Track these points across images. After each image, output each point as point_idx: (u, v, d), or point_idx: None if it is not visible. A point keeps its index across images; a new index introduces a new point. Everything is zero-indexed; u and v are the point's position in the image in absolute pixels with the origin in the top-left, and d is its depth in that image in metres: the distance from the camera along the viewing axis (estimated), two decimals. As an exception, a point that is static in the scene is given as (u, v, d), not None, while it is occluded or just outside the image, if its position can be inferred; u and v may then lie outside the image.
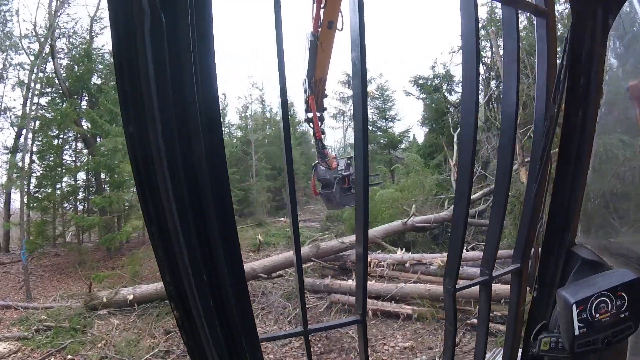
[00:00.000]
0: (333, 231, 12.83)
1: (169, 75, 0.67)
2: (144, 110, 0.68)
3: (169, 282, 0.78)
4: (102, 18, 15.92)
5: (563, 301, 1.13)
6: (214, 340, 0.83)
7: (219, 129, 0.75)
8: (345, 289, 7.37)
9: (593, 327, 1.11)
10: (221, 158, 0.76)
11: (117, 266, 11.57)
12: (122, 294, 7.70)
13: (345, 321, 1.37)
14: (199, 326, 0.82)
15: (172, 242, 0.75)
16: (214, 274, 0.80)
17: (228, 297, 0.83)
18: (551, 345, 1.26)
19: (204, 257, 0.78)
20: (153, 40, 0.65)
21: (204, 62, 0.71)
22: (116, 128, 12.72)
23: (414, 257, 7.70)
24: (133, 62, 0.66)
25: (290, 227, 1.07)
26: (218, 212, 0.78)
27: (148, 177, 0.71)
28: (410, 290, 6.94)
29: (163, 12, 0.65)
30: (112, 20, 0.64)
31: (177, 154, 0.71)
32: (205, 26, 0.70)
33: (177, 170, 0.72)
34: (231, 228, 0.80)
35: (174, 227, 0.74)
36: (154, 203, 0.73)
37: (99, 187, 14.74)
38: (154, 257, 0.77)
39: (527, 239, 1.43)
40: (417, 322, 6.62)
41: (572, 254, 1.36)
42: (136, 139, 0.69)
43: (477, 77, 1.16)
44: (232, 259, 0.82)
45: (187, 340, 0.84)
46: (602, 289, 1.11)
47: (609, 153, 1.36)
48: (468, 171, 1.23)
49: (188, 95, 0.70)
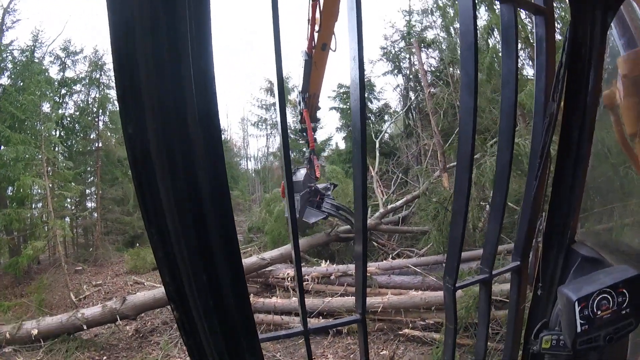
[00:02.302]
0: (256, 243, 12.02)
1: (167, 75, 0.67)
2: (143, 110, 0.67)
3: (169, 283, 0.78)
4: (15, 10, 13.30)
5: (565, 298, 1.13)
6: (214, 340, 0.83)
7: (217, 129, 0.74)
8: (270, 307, 6.82)
9: (595, 324, 1.11)
10: (220, 158, 0.76)
11: (26, 293, 10.23)
12: (25, 329, 6.60)
13: (346, 320, 1.37)
14: (199, 326, 0.82)
15: (171, 242, 0.75)
16: (214, 274, 0.80)
17: (228, 296, 0.83)
18: (552, 343, 1.26)
19: (204, 257, 0.78)
20: (151, 38, 0.65)
21: (203, 60, 0.70)
22: (18, 135, 11.08)
23: (339, 269, 7.40)
24: (131, 62, 0.65)
25: (290, 227, 1.07)
26: (217, 212, 0.77)
27: (147, 178, 0.71)
28: (337, 304, 6.54)
29: (161, 10, 0.65)
30: (111, 20, 0.64)
31: (176, 154, 0.71)
32: (203, 24, 0.70)
33: (176, 170, 0.72)
34: (231, 228, 0.80)
35: (174, 227, 0.74)
36: (153, 203, 0.73)
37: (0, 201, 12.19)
38: (63, 283, 0.76)
39: (526, 237, 1.43)
40: (348, 337, 6.30)
41: (572, 251, 1.36)
42: (135, 139, 0.69)
43: (475, 79, 1.16)
44: (231, 259, 0.82)
45: (187, 340, 0.84)
46: (603, 286, 1.11)
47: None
48: (467, 170, 1.23)
49: (187, 94, 0.70)
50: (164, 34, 0.66)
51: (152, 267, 11.58)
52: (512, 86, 1.29)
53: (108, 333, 7.02)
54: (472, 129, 1.19)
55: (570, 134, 1.30)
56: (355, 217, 1.17)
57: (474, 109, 1.17)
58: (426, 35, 15.67)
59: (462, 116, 1.24)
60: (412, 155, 15.21)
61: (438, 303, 5.89)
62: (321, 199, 6.95)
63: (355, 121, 1.05)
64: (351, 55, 1.03)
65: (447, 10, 13.10)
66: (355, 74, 1.02)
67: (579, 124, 1.28)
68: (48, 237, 11.17)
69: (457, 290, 1.31)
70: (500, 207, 1.37)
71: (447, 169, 10.47)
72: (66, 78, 15.35)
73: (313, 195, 6.96)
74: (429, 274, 6.75)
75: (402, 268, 7.23)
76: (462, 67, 1.21)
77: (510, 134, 1.32)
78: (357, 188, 1.12)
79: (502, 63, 1.33)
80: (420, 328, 5.97)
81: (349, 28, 1.01)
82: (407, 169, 14.52)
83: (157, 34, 0.65)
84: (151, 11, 0.64)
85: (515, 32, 1.26)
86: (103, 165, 15.21)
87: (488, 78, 9.43)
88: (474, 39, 1.14)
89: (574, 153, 1.30)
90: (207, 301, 0.80)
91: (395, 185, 13.52)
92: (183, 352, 6.29)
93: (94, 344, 6.71)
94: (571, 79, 1.26)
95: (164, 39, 0.66)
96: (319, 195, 7.02)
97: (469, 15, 1.14)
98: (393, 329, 6.20)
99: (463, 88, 1.22)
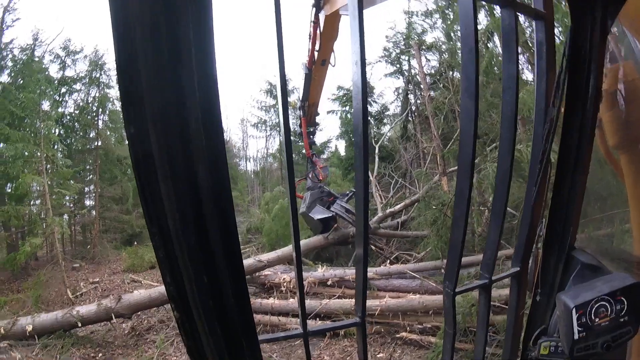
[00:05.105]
0: (254, 244, 12.03)
1: (169, 74, 0.68)
2: (145, 110, 0.68)
3: (170, 283, 0.78)
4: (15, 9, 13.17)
5: (563, 305, 1.13)
6: (214, 340, 0.83)
7: (219, 128, 0.75)
8: (267, 308, 6.79)
9: (592, 331, 1.11)
10: (222, 157, 0.76)
11: (22, 289, 10.24)
12: (20, 325, 6.59)
13: (345, 323, 1.36)
14: (199, 326, 0.82)
15: (172, 242, 0.75)
16: (214, 274, 0.80)
17: (228, 297, 0.83)
18: (551, 350, 1.26)
19: (204, 257, 0.78)
20: (153, 38, 0.65)
21: (205, 60, 0.71)
22: (18, 132, 11.06)
23: (336, 274, 7.35)
24: (134, 62, 0.66)
25: (291, 227, 1.07)
26: (218, 211, 0.77)
27: (148, 177, 0.71)
28: (335, 307, 6.51)
29: (163, 9, 0.65)
30: (113, 19, 0.64)
31: (178, 154, 0.71)
32: (205, 24, 0.70)
33: (178, 170, 0.72)
34: (231, 228, 0.80)
35: (174, 227, 0.74)
36: (155, 203, 0.73)
37: (-1, 199, 12.26)
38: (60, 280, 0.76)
39: (526, 243, 1.43)
40: (345, 340, 6.20)
41: (571, 257, 1.36)
42: (137, 139, 0.69)
43: (476, 83, 1.16)
44: (232, 259, 0.82)
45: (187, 341, 0.84)
46: (601, 293, 1.11)
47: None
48: (468, 173, 1.23)
49: (189, 94, 0.70)
50: (165, 34, 0.66)
51: (149, 265, 11.56)
52: (513, 91, 1.29)
53: (104, 330, 6.99)
54: (473, 133, 1.19)
55: (570, 139, 1.31)
56: (357, 220, 1.17)
57: (475, 113, 1.17)
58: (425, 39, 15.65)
59: (463, 121, 1.24)
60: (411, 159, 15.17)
61: (436, 307, 5.87)
62: (333, 200, 7.00)
63: (357, 124, 1.05)
64: (353, 59, 1.03)
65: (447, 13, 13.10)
66: (357, 78, 1.02)
67: (579, 129, 1.28)
68: (46, 234, 11.17)
69: (456, 296, 1.31)
70: (500, 213, 1.37)
71: (446, 172, 10.45)
72: (66, 77, 15.33)
73: (326, 196, 7.03)
74: (428, 278, 6.74)
75: (400, 274, 7.19)
76: (462, 71, 1.21)
77: (511, 139, 1.32)
78: (359, 191, 1.12)
79: (503, 68, 1.33)
80: (418, 332, 5.93)
81: (351, 32, 1.02)
82: (406, 172, 14.48)
83: (159, 33, 0.66)
84: (153, 11, 0.64)
85: (516, 37, 1.27)
86: (102, 164, 15.13)
87: (487, 82, 9.43)
88: (475, 43, 1.14)
89: (574, 158, 1.30)
90: (208, 301, 0.80)
91: (394, 189, 13.49)
92: (179, 350, 6.29)
93: (90, 341, 6.67)
94: (571, 84, 1.26)
95: (166, 39, 0.66)
96: (333, 197, 7.08)
97: (469, 20, 1.14)
98: (390, 332, 6.15)
99: (464, 92, 1.22)
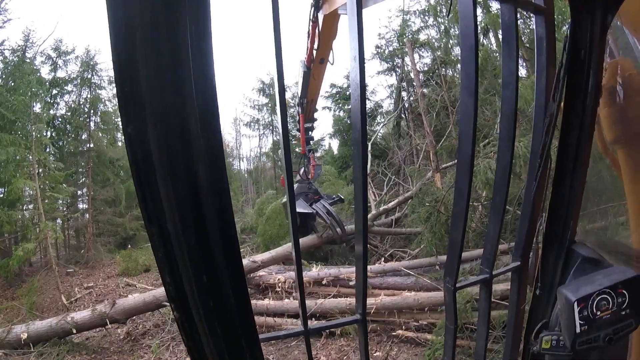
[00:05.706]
0: (249, 244, 12.02)
1: (167, 75, 0.67)
2: (143, 109, 0.66)
3: (169, 283, 0.77)
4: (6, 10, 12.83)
5: (564, 299, 1.13)
6: (214, 340, 0.83)
7: (217, 128, 0.74)
8: (262, 309, 6.64)
9: (594, 325, 1.11)
10: (220, 157, 0.75)
11: (17, 296, 10.07)
12: (15, 333, 6.47)
13: (346, 320, 1.36)
14: (199, 326, 0.82)
15: (172, 242, 0.74)
16: (214, 274, 0.79)
17: (228, 297, 0.82)
18: (552, 344, 1.26)
19: (204, 257, 0.77)
20: (152, 38, 0.64)
21: (203, 60, 0.70)
22: (9, 136, 10.76)
23: (331, 273, 7.34)
24: (132, 62, 0.65)
25: (290, 226, 1.06)
26: (217, 211, 0.77)
27: (148, 178, 0.70)
28: (330, 306, 6.51)
29: (161, 9, 0.64)
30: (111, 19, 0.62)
31: (176, 154, 0.70)
32: (203, 24, 0.69)
33: (176, 170, 0.71)
34: (231, 228, 0.79)
35: (174, 228, 0.73)
36: (154, 203, 0.72)
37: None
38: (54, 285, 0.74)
39: (527, 237, 1.43)
40: (341, 339, 6.19)
41: (572, 251, 1.36)
42: (135, 139, 0.68)
43: (476, 81, 1.16)
44: (231, 259, 0.81)
45: (187, 341, 0.84)
46: (602, 287, 1.11)
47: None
48: (467, 170, 1.22)
49: (187, 93, 0.69)
50: (164, 34, 0.65)
51: (144, 268, 11.48)
52: (513, 87, 1.29)
53: (99, 336, 6.92)
54: (472, 131, 1.19)
55: (570, 134, 1.31)
56: (356, 218, 1.16)
57: (474, 110, 1.16)
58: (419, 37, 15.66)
59: (462, 118, 1.24)
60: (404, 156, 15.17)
61: (431, 304, 5.89)
62: (318, 199, 6.98)
63: (355, 121, 1.05)
64: (351, 55, 1.02)
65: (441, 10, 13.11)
66: (355, 74, 1.01)
67: (578, 124, 1.28)
68: (39, 239, 10.99)
69: (457, 291, 1.31)
70: (500, 208, 1.37)
71: (439, 169, 10.48)
72: (57, 78, 15.14)
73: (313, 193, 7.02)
74: (422, 275, 6.76)
75: (394, 271, 7.20)
76: (462, 68, 1.21)
77: (511, 135, 1.32)
78: (358, 189, 1.11)
79: (503, 64, 1.33)
80: (414, 329, 5.94)
81: (349, 28, 1.01)
82: (399, 169, 14.50)
83: (157, 33, 0.65)
84: (152, 10, 0.63)
85: (516, 32, 1.26)
86: (94, 167, 15.00)
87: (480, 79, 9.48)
88: (475, 41, 1.13)
89: (574, 153, 1.31)
90: (208, 301, 0.80)
91: (387, 186, 13.51)
92: (175, 355, 6.27)
93: (85, 347, 6.61)
94: (571, 79, 1.26)
95: (164, 38, 0.65)
96: (318, 195, 7.06)
97: (469, 17, 1.13)
98: (386, 330, 6.15)
99: (463, 90, 1.21)
